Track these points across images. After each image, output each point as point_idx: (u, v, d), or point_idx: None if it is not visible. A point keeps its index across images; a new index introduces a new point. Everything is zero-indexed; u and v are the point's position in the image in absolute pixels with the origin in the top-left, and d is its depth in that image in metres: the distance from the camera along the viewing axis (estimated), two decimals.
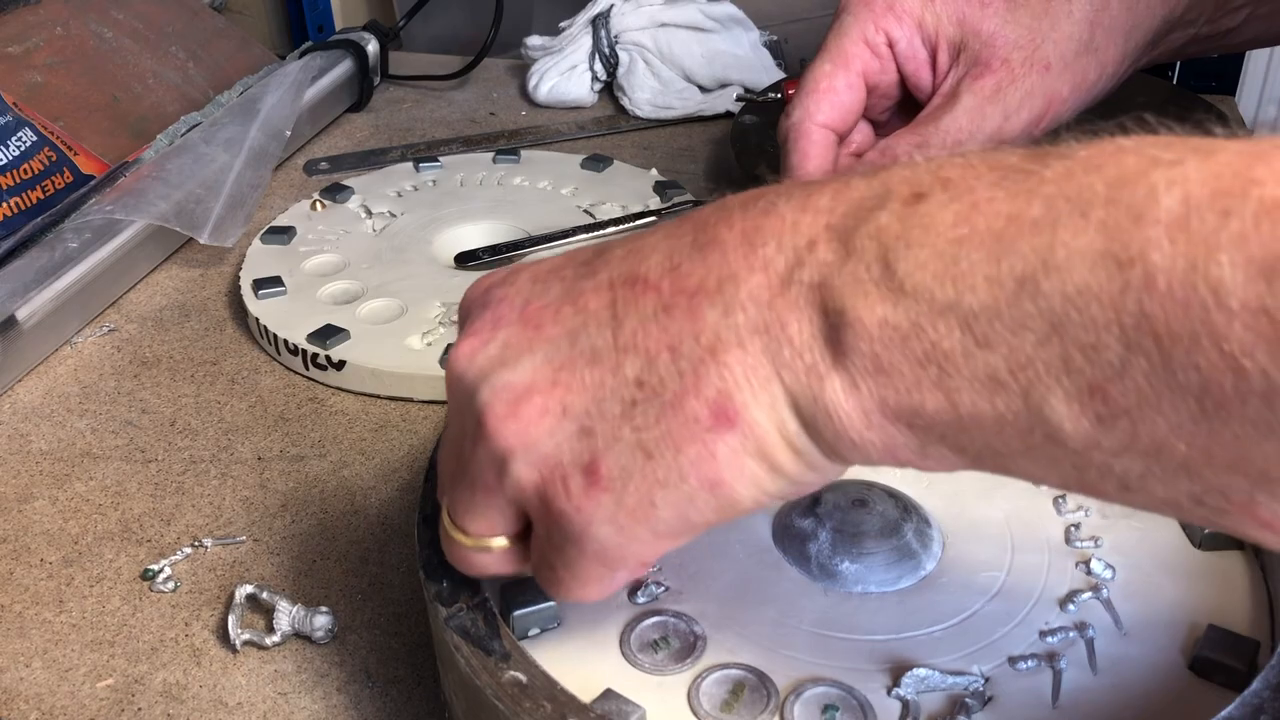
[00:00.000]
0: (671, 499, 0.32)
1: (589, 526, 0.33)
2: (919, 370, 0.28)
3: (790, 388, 0.30)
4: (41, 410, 0.65)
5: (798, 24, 1.03)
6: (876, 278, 0.29)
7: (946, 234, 0.28)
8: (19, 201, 0.74)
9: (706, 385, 0.31)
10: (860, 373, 0.29)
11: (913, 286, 0.28)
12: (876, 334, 0.28)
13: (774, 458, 0.31)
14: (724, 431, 0.31)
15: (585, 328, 0.33)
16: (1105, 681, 0.39)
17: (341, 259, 0.74)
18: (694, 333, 0.31)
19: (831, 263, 0.29)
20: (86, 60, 0.90)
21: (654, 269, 0.32)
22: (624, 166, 0.84)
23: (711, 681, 0.39)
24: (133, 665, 0.49)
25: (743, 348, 0.30)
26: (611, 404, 0.32)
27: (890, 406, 0.29)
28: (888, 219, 0.29)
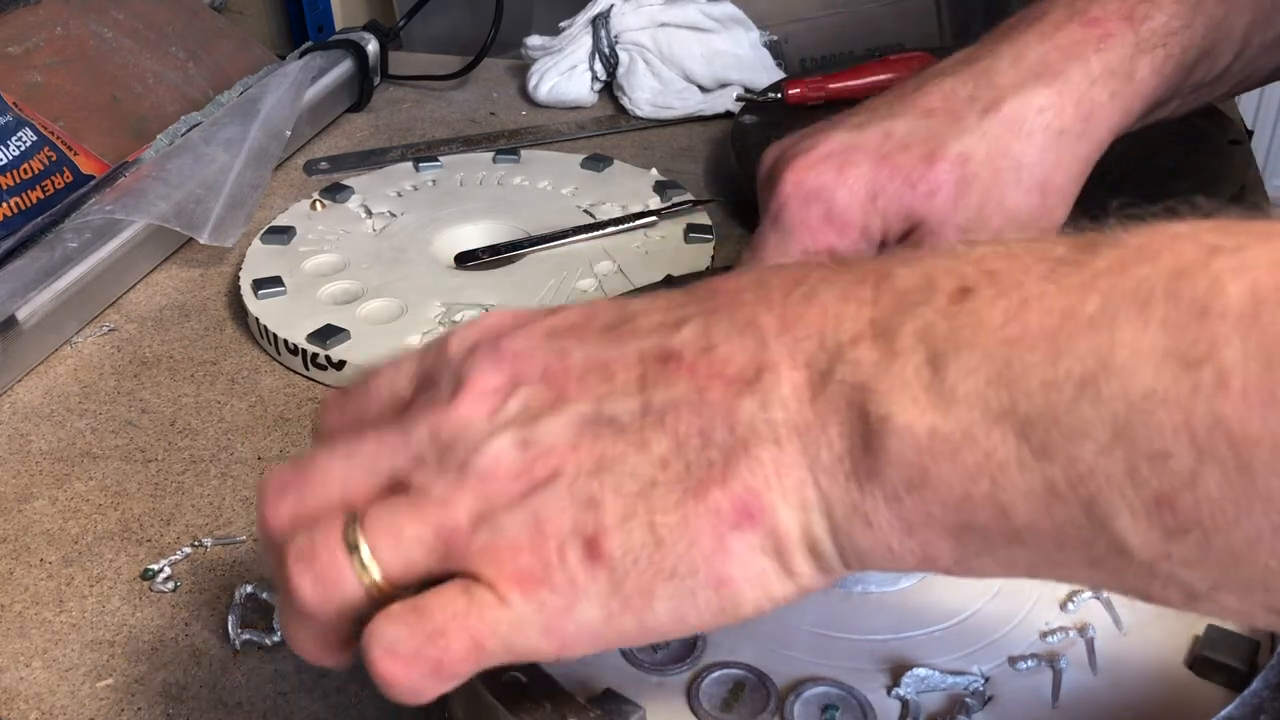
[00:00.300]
0: (673, 593, 0.30)
1: (574, 603, 0.30)
2: (969, 483, 0.27)
3: (826, 492, 0.29)
4: (41, 410, 0.65)
5: (798, 24, 1.03)
6: (925, 383, 0.27)
7: (997, 334, 0.26)
8: (19, 201, 0.74)
9: (734, 479, 0.29)
10: (904, 483, 0.27)
11: (964, 393, 0.26)
12: (925, 444, 0.27)
13: (790, 560, 0.30)
14: (745, 528, 0.29)
15: (612, 398, 0.31)
16: (1105, 681, 0.39)
17: (341, 259, 0.74)
18: (728, 422, 0.29)
19: (876, 363, 0.28)
20: (86, 60, 0.90)
21: (689, 346, 0.30)
22: (624, 166, 0.84)
23: (711, 681, 0.39)
24: (133, 665, 0.49)
25: (779, 445, 0.29)
26: (630, 481, 0.30)
27: (937, 519, 0.27)
28: (934, 316, 0.27)
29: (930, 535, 0.28)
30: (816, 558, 0.30)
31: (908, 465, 0.27)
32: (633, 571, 0.29)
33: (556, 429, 0.31)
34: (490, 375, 0.32)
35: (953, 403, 0.27)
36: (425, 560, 0.31)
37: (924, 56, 0.89)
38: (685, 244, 0.74)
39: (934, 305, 0.28)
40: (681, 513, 0.29)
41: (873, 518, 0.28)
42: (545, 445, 0.31)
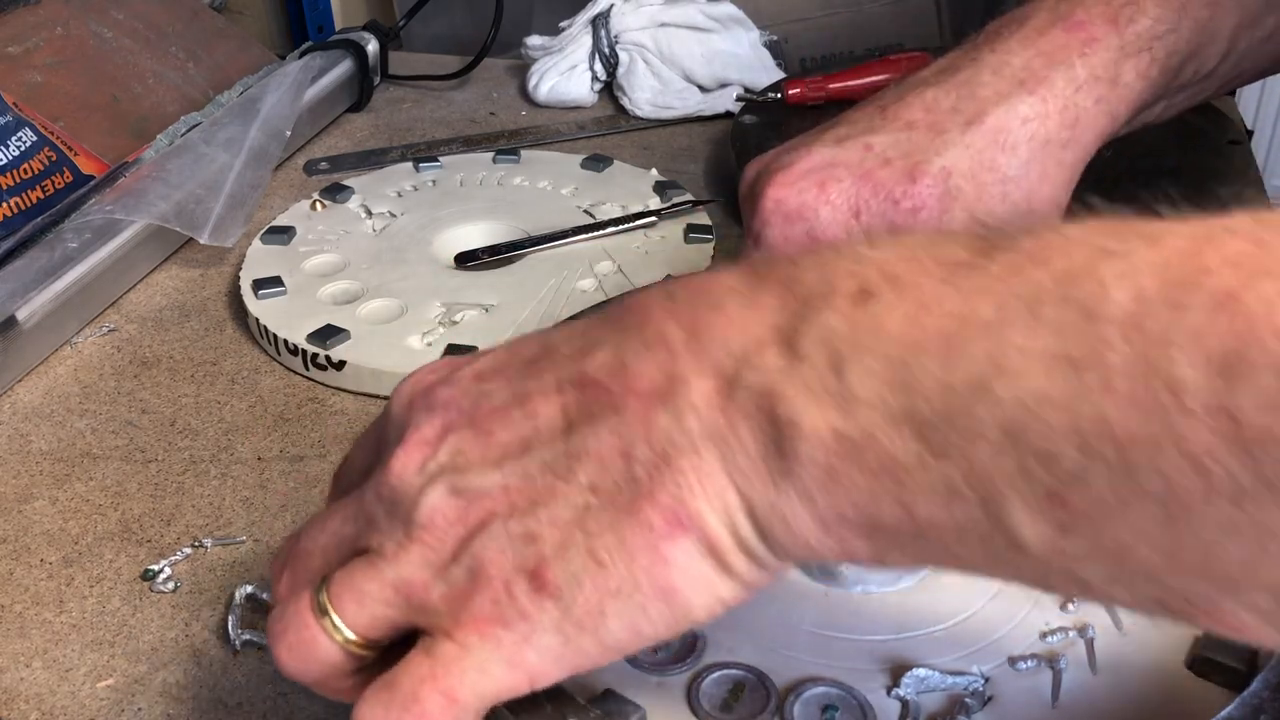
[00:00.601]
0: (623, 609, 0.30)
1: (530, 635, 0.31)
2: (874, 481, 0.27)
3: (745, 494, 0.29)
4: (41, 410, 0.65)
5: (798, 24, 1.03)
6: (829, 386, 0.28)
7: (897, 337, 0.27)
8: (19, 201, 0.74)
9: (661, 491, 0.30)
10: (814, 483, 0.28)
11: (866, 395, 0.27)
12: (831, 445, 0.28)
13: (726, 560, 0.30)
14: (678, 538, 0.30)
15: (537, 433, 0.31)
16: (1105, 681, 0.39)
17: (341, 259, 0.74)
18: (647, 438, 0.30)
19: (780, 368, 0.28)
20: (86, 60, 0.90)
21: (602, 369, 0.31)
22: (624, 166, 0.84)
23: (711, 681, 0.39)
24: (133, 665, 0.49)
25: (697, 453, 0.29)
26: (563, 510, 0.31)
27: (848, 517, 0.28)
28: (836, 320, 0.28)
29: (845, 532, 0.29)
30: (750, 555, 0.30)
31: (817, 467, 0.28)
32: (579, 596, 0.30)
33: (487, 472, 0.32)
34: (423, 428, 0.33)
35: (855, 405, 0.27)
36: (391, 615, 0.32)
37: (924, 56, 0.89)
38: (685, 244, 0.74)
39: (836, 309, 0.28)
40: (617, 533, 0.30)
41: (790, 517, 0.29)
42: (476, 489, 0.31)
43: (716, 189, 0.84)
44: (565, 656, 0.31)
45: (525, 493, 0.31)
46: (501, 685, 0.31)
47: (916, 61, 0.88)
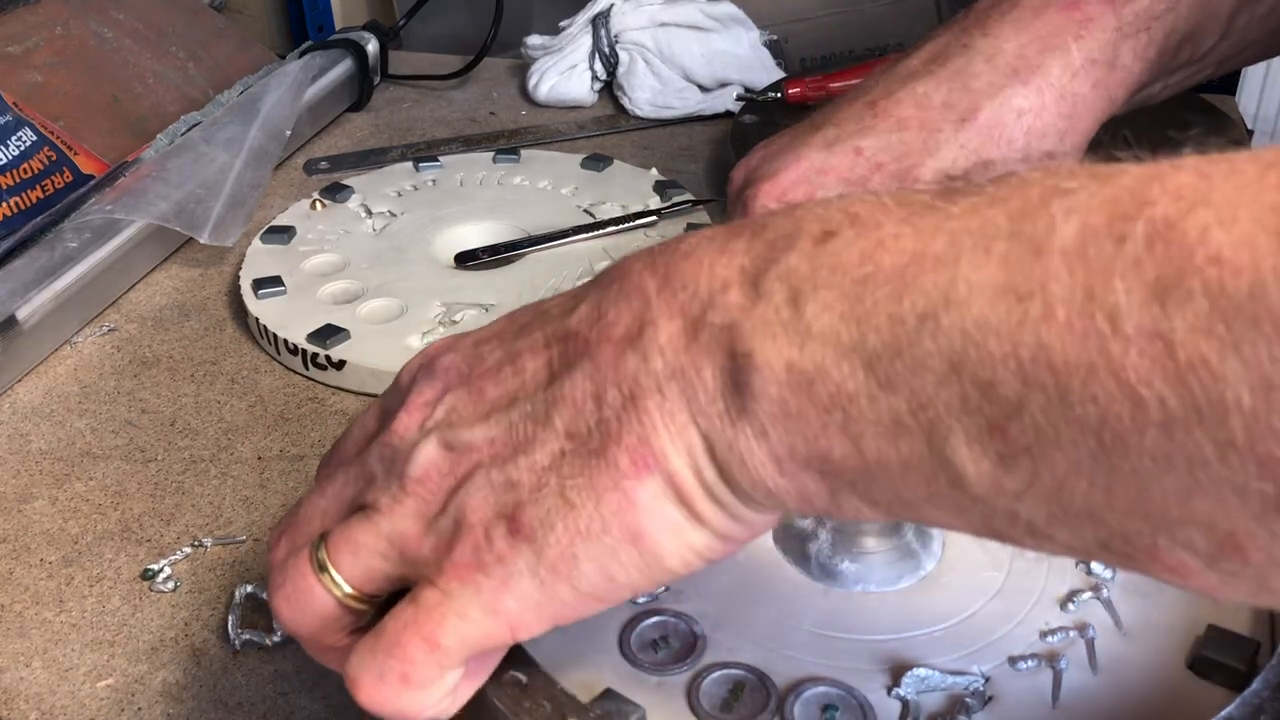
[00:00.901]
0: (594, 552, 0.31)
1: (508, 580, 0.31)
2: (825, 415, 0.28)
3: (706, 433, 0.30)
4: (41, 410, 0.65)
5: (798, 24, 1.03)
6: (785, 320, 0.28)
7: (853, 272, 0.27)
8: (19, 201, 0.74)
9: (627, 432, 0.30)
10: (769, 418, 0.28)
11: (819, 329, 0.27)
12: (784, 378, 0.28)
13: (695, 506, 0.31)
14: (643, 477, 0.30)
15: (524, 387, 0.33)
16: (1105, 681, 0.39)
17: (341, 259, 0.74)
18: (616, 380, 0.31)
19: (742, 305, 0.29)
20: (86, 60, 0.90)
21: (583, 321, 0.32)
22: (624, 166, 0.84)
23: (711, 681, 0.39)
24: (133, 665, 0.49)
25: (661, 393, 0.30)
26: (541, 456, 0.31)
27: (800, 453, 0.29)
28: (797, 259, 0.29)
29: (799, 472, 0.29)
30: (716, 501, 0.31)
31: (770, 400, 0.28)
32: (551, 538, 0.31)
33: (476, 426, 0.33)
34: (424, 391, 0.34)
35: (808, 338, 0.28)
36: (386, 568, 0.33)
37: None
38: None
39: (799, 249, 0.29)
40: (587, 474, 0.31)
41: (746, 455, 0.29)
42: (465, 442, 0.33)
43: (716, 189, 0.84)
44: (543, 604, 0.32)
45: (508, 442, 0.32)
46: (482, 631, 0.32)
47: None
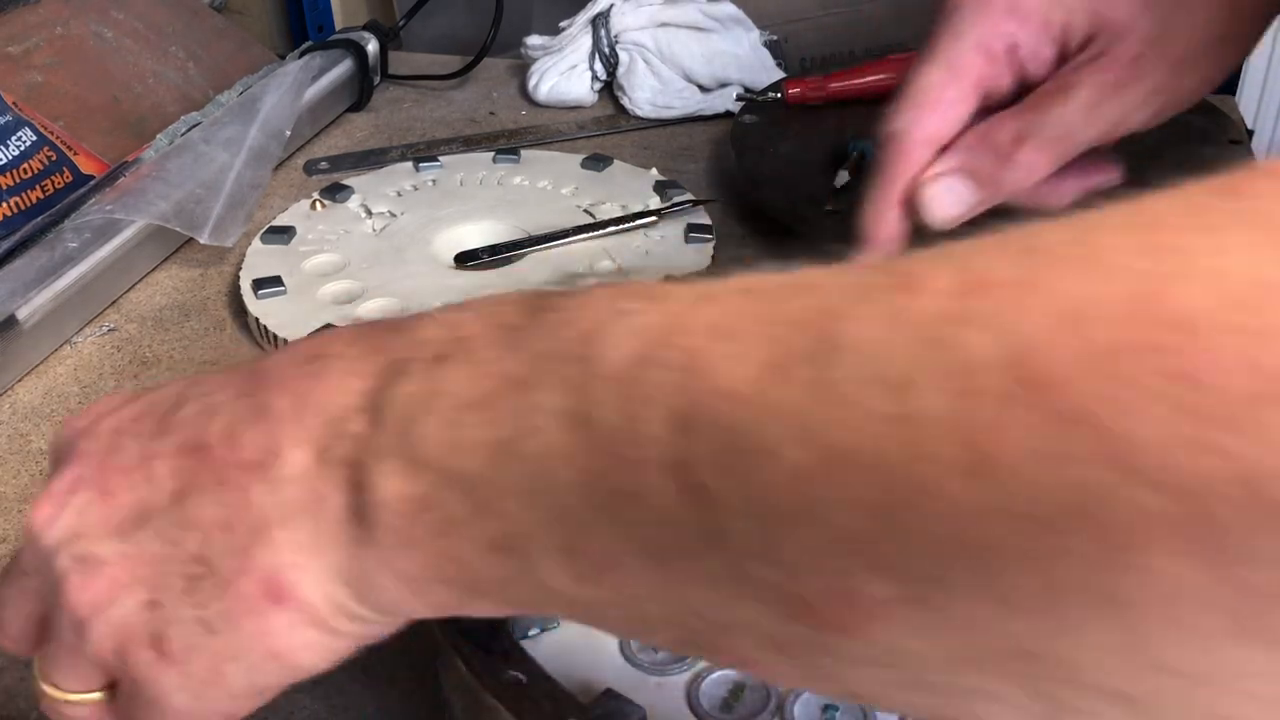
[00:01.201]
0: (239, 669, 0.32)
1: (165, 695, 0.32)
2: (439, 540, 0.28)
3: (337, 564, 0.30)
4: (41, 410, 0.65)
5: (798, 24, 1.03)
6: (396, 450, 0.28)
7: (455, 399, 0.28)
8: (19, 201, 0.74)
9: (258, 564, 0.30)
10: (392, 546, 0.29)
11: (424, 457, 0.28)
12: (400, 508, 0.28)
13: (330, 625, 0.31)
14: (278, 609, 0.30)
15: (153, 498, 0.32)
16: None
17: (341, 259, 0.74)
18: (244, 509, 0.30)
19: (362, 435, 0.29)
20: (86, 60, 0.90)
21: (216, 435, 0.32)
22: (624, 166, 0.84)
23: (711, 681, 0.39)
24: None
25: (287, 526, 0.30)
26: (175, 579, 0.31)
27: (427, 575, 0.29)
28: (413, 385, 0.29)
29: (432, 591, 0.30)
30: (353, 618, 0.31)
31: (391, 530, 0.29)
32: (196, 661, 0.32)
33: (109, 541, 0.32)
34: (64, 475, 0.34)
35: (421, 468, 0.28)
36: (87, 673, 0.34)
37: None
38: (685, 244, 0.74)
39: (415, 373, 0.29)
40: (222, 604, 0.31)
41: (377, 579, 0.30)
42: (99, 558, 0.32)
43: (716, 189, 0.84)
44: (203, 709, 0.33)
45: (144, 561, 0.32)
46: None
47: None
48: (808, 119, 0.87)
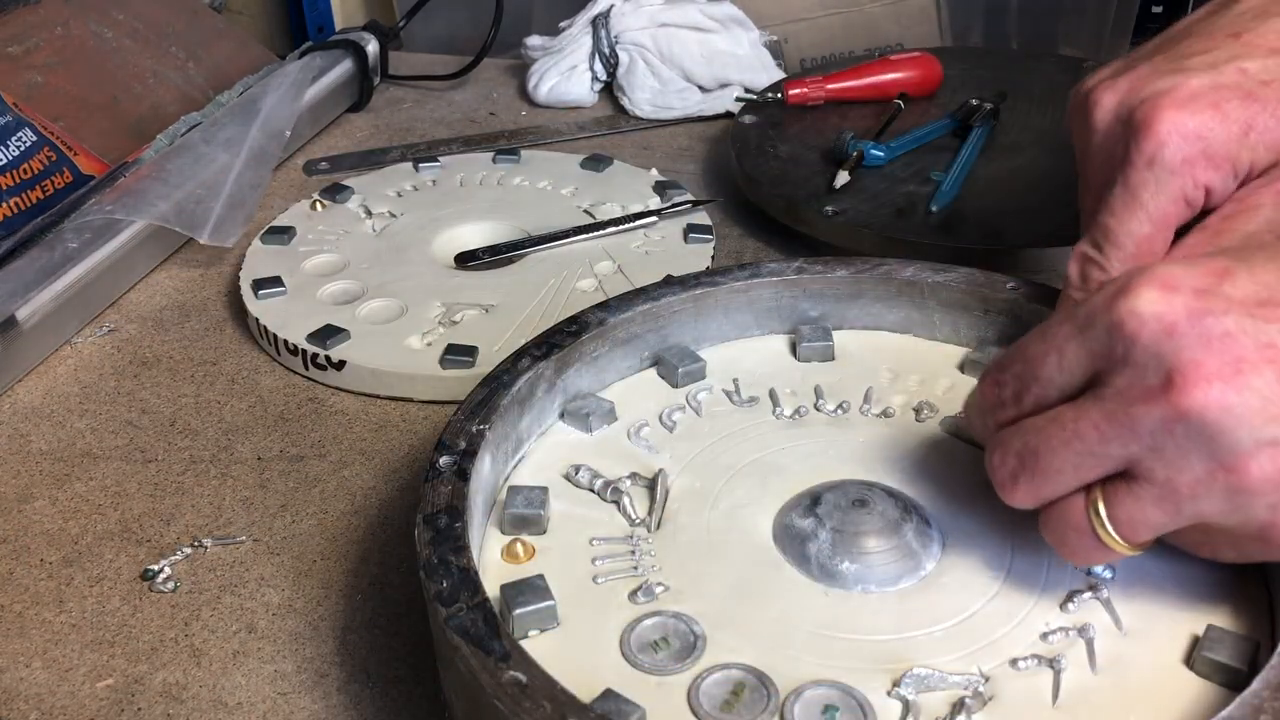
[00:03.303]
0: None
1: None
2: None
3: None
4: (41, 410, 0.65)
5: (798, 24, 1.03)
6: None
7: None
8: (19, 201, 0.74)
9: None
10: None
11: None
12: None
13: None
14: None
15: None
16: (1105, 681, 0.39)
17: (341, 259, 0.74)
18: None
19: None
20: (86, 60, 0.90)
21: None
22: (624, 166, 0.84)
23: (711, 681, 0.39)
24: (133, 665, 0.49)
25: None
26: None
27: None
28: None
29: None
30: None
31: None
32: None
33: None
34: (1205, 360, 0.35)
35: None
36: (1169, 527, 0.38)
37: (924, 56, 0.89)
38: (685, 244, 0.74)
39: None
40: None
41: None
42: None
43: (716, 189, 0.85)
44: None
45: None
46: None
47: (917, 62, 0.89)
48: (807, 119, 0.87)
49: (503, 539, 0.46)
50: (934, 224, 0.72)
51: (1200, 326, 0.35)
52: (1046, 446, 0.38)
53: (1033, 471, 0.39)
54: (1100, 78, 0.51)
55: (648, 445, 0.51)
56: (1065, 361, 0.39)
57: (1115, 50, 1.11)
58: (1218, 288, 0.36)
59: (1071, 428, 0.38)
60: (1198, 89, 0.47)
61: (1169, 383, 0.35)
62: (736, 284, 0.55)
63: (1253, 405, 0.34)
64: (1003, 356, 0.42)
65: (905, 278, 0.55)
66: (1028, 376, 0.40)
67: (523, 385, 0.49)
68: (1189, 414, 0.35)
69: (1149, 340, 0.36)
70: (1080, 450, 0.38)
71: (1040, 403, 0.40)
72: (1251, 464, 0.35)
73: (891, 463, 0.48)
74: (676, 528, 0.46)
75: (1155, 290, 0.36)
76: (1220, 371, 0.35)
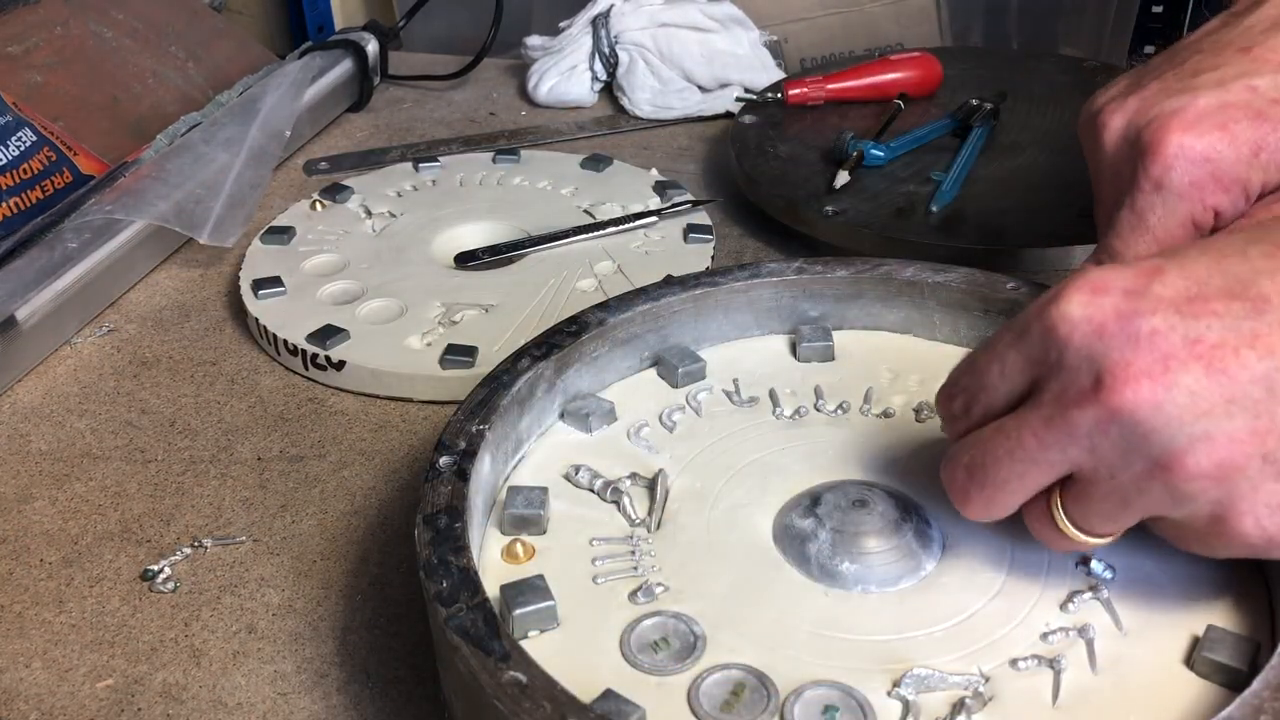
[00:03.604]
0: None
1: (1273, 549, 0.36)
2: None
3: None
4: (41, 410, 0.65)
5: (798, 24, 1.03)
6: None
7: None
8: (19, 201, 0.74)
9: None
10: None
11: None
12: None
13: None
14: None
15: (1278, 373, 0.34)
16: (1105, 681, 0.39)
17: (341, 259, 0.74)
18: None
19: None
20: (86, 60, 0.90)
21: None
22: (624, 166, 0.84)
23: (711, 682, 0.39)
24: (132, 665, 0.49)
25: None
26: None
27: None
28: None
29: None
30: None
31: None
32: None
33: (1228, 418, 0.34)
34: (1133, 358, 0.35)
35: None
36: (1129, 523, 0.38)
37: (924, 56, 0.89)
38: (685, 244, 0.74)
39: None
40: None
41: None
42: (1224, 436, 0.35)
43: (716, 189, 0.85)
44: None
45: (1274, 434, 0.34)
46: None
47: (917, 62, 0.89)
48: (807, 119, 0.87)
49: (503, 539, 0.46)
50: (934, 224, 0.72)
51: (1128, 327, 0.36)
52: (992, 458, 0.39)
53: (981, 484, 0.40)
54: (1110, 96, 0.50)
55: (648, 445, 0.51)
56: (1006, 369, 0.39)
57: (1115, 50, 1.11)
58: (1147, 288, 0.36)
59: (1014, 437, 0.38)
60: (1205, 109, 0.46)
61: (1099, 384, 0.35)
62: (736, 284, 0.55)
63: (1181, 402, 0.35)
64: (954, 370, 0.42)
65: (905, 278, 0.55)
66: (974, 387, 0.41)
67: (523, 385, 0.49)
68: (1120, 413, 0.35)
69: (1080, 343, 0.36)
70: (1023, 459, 0.38)
71: (988, 412, 0.40)
72: (1187, 459, 0.35)
73: (891, 463, 0.48)
74: (676, 528, 0.46)
75: (1085, 294, 0.37)
76: (1149, 370, 0.35)
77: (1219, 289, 0.36)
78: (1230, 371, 0.34)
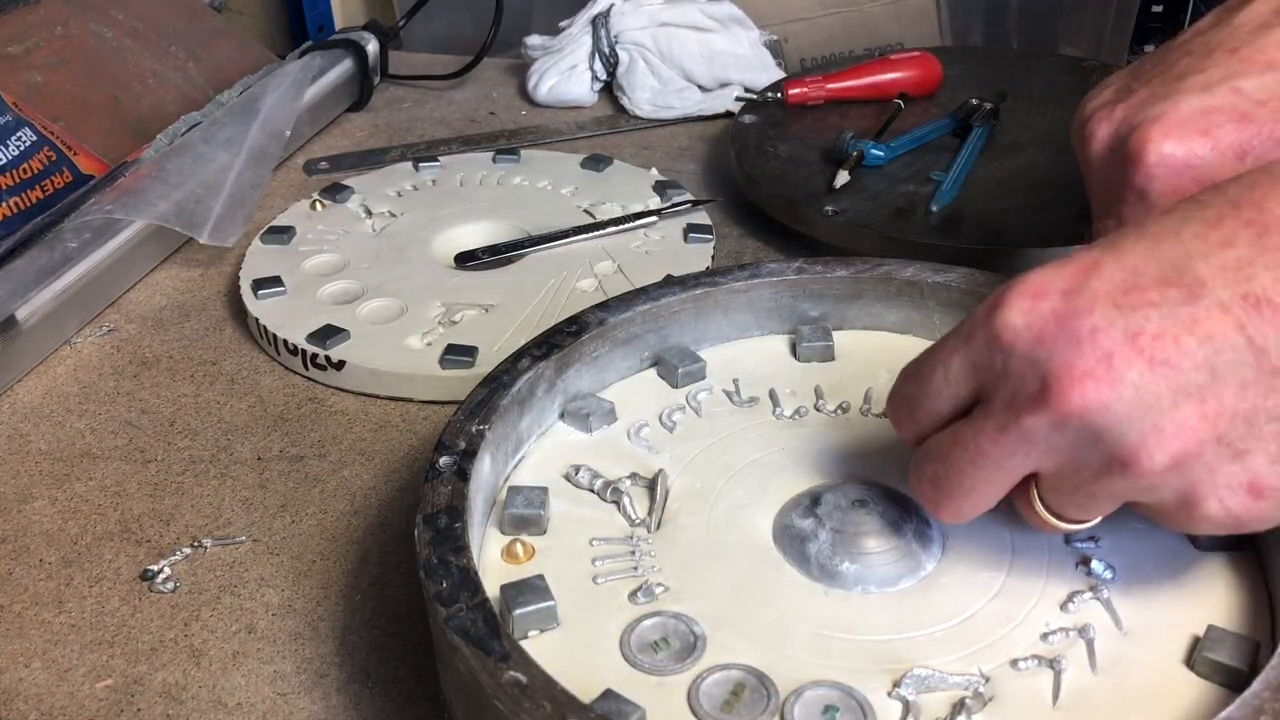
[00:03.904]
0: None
1: (1244, 525, 0.36)
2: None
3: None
4: (41, 410, 0.65)
5: (798, 24, 1.03)
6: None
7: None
8: (19, 201, 0.74)
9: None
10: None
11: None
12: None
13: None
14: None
15: (1219, 356, 0.34)
16: (1105, 681, 0.39)
17: (341, 259, 0.74)
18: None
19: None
20: (86, 60, 0.90)
21: (1270, 286, 0.34)
22: (624, 166, 0.84)
23: (711, 682, 0.39)
24: (132, 665, 0.49)
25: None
26: (1268, 425, 0.34)
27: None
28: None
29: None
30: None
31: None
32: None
33: (1176, 406, 0.34)
34: (1075, 358, 0.35)
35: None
36: (1107, 510, 0.38)
37: (924, 56, 0.89)
38: (685, 244, 0.74)
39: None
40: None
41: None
42: (1175, 426, 0.35)
43: (716, 189, 0.85)
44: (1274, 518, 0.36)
45: (1223, 416, 0.34)
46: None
47: (917, 62, 0.89)
48: (807, 119, 0.87)
49: (503, 539, 0.46)
50: (934, 224, 0.72)
51: (1068, 328, 0.36)
52: (955, 470, 0.39)
53: (949, 494, 0.40)
54: (1098, 103, 0.50)
55: (648, 445, 0.51)
56: (951, 374, 0.39)
57: (1115, 50, 1.11)
58: (1084, 284, 0.36)
59: (973, 447, 0.38)
60: (1187, 115, 0.46)
61: (1046, 388, 0.36)
62: (736, 284, 0.55)
63: (1128, 398, 0.35)
64: (899, 376, 0.42)
65: (905, 278, 0.55)
66: (918, 393, 0.41)
67: (523, 385, 0.49)
68: (1070, 416, 0.35)
69: (1023, 350, 0.36)
70: (986, 466, 0.38)
71: (934, 417, 0.40)
72: (1141, 454, 0.35)
73: (891, 463, 0.48)
74: (676, 528, 0.46)
75: (1026, 300, 0.37)
76: (1093, 370, 0.35)
77: (1155, 277, 0.35)
78: (1172, 361, 0.34)
